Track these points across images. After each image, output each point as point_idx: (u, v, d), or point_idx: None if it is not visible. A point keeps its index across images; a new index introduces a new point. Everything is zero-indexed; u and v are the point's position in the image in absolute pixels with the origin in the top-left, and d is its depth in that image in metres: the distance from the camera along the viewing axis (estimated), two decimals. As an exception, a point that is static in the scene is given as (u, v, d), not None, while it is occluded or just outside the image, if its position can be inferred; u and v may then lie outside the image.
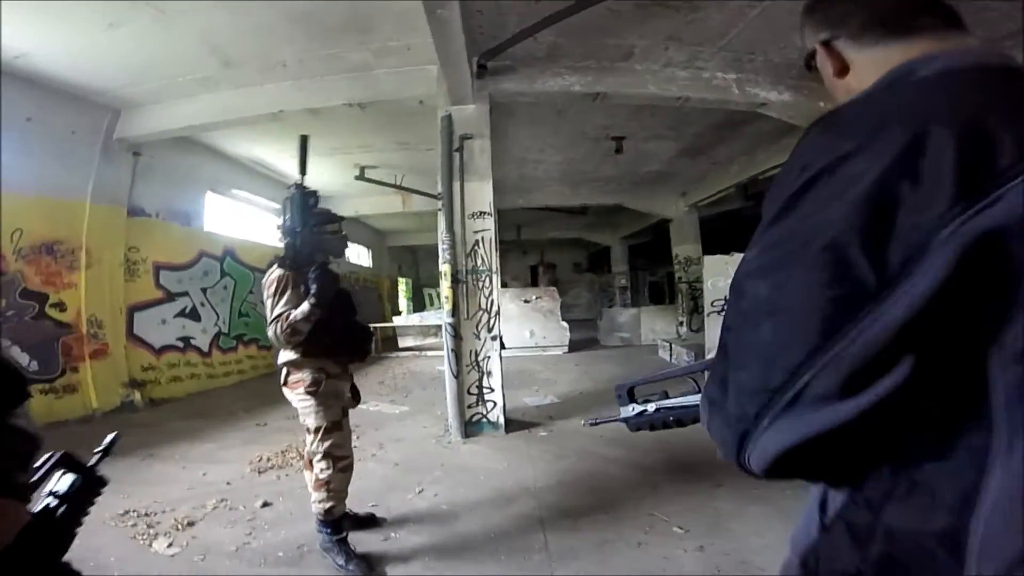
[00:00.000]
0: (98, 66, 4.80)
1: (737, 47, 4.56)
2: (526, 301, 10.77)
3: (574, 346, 10.81)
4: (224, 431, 4.98)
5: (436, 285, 20.69)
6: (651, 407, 0.99)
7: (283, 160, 8.15)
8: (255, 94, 5.35)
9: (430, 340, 13.32)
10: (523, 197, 9.85)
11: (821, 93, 5.49)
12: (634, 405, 1.01)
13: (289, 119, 5.65)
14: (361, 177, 8.43)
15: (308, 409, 2.37)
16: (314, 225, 2.41)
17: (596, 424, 1.12)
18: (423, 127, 6.29)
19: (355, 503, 3.00)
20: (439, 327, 12.90)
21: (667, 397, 1.00)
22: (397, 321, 13.58)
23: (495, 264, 4.82)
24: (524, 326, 10.55)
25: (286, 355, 2.37)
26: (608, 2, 3.45)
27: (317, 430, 2.37)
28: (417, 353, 11.57)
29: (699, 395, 0.91)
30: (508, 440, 4.46)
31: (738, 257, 6.14)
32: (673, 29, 4.23)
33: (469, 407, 4.68)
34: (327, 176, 8.84)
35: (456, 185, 4.71)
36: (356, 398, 2.71)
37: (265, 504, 3.13)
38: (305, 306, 2.22)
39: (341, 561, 2.36)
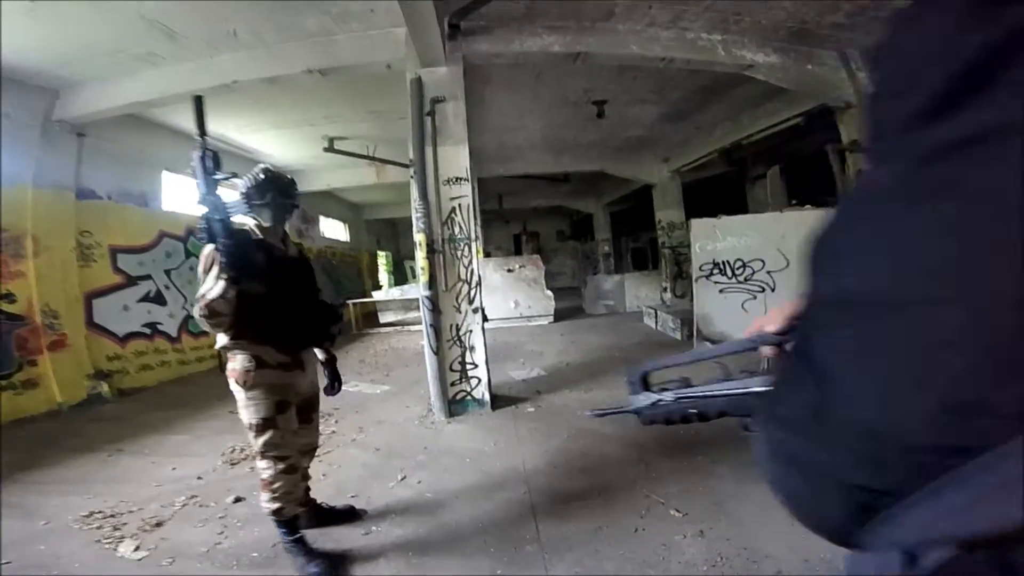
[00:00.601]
0: (27, 47, 4.47)
1: (723, 7, 4.33)
2: (509, 270, 10.55)
3: (559, 315, 10.69)
4: (197, 421, 4.78)
5: (416, 258, 20.61)
6: (668, 396, 0.81)
7: (245, 134, 7.72)
8: (205, 67, 4.98)
9: (412, 314, 13.10)
10: (504, 166, 9.55)
11: (809, 56, 5.27)
12: (648, 394, 0.82)
13: (246, 90, 5.30)
14: (330, 149, 7.99)
15: (240, 402, 2.15)
16: (253, 195, 2.17)
17: (603, 415, 0.93)
18: (393, 95, 5.97)
19: (334, 494, 2.87)
20: (421, 301, 12.82)
21: (688, 385, 0.81)
22: (377, 296, 13.28)
23: (474, 232, 4.61)
24: (508, 296, 10.37)
25: (221, 339, 2.12)
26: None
27: (249, 426, 2.16)
28: (399, 328, 11.40)
29: (728, 383, 0.75)
30: (495, 418, 4.34)
31: (727, 220, 5.92)
32: None
33: (452, 384, 4.52)
34: (293, 149, 8.39)
35: (429, 150, 4.43)
36: (333, 385, 2.53)
37: (238, 500, 2.97)
38: (219, 283, 1.91)
39: (301, 561, 2.22)
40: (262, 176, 2.23)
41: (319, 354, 2.48)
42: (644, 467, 3.07)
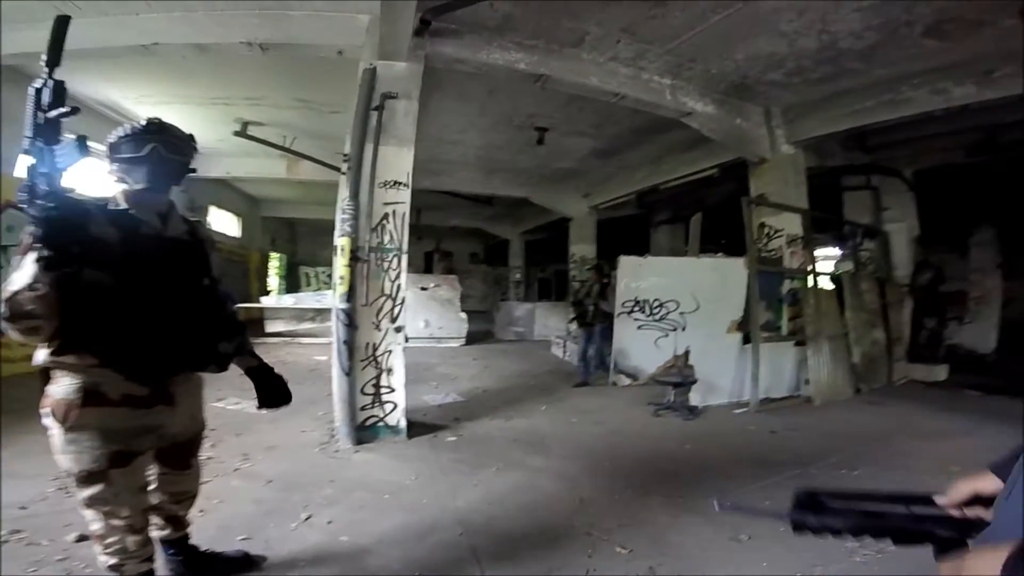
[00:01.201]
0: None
1: (683, 52, 4.61)
2: (423, 288, 10.25)
3: (470, 338, 10.56)
4: (20, 433, 3.68)
5: (315, 264, 19.15)
6: (839, 523, 0.80)
7: (144, 105, 6.67)
8: (126, 23, 4.25)
9: (306, 325, 12.13)
10: (432, 179, 9.25)
11: (740, 109, 5.84)
12: (820, 518, 0.80)
13: (165, 55, 4.61)
14: (242, 133, 7.11)
15: (55, 444, 1.52)
16: (124, 146, 1.58)
17: (746, 515, 0.88)
18: (331, 86, 5.53)
19: (218, 536, 2.32)
20: (318, 311, 11.90)
21: (866, 518, 0.80)
22: (266, 302, 12.02)
23: (406, 243, 4.25)
24: (419, 315, 9.99)
25: (39, 354, 1.50)
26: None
27: (67, 473, 1.57)
28: (289, 340, 10.40)
29: (905, 525, 0.80)
30: (411, 447, 3.95)
31: (652, 260, 6.26)
32: (632, 20, 4.13)
33: (363, 409, 4.04)
34: (197, 127, 7.35)
35: (369, 148, 4.05)
36: (271, 399, 1.96)
37: (81, 538, 2.23)
38: (27, 269, 1.30)
39: None
40: (142, 122, 1.62)
41: (241, 364, 1.94)
42: (580, 501, 2.96)
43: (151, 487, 1.80)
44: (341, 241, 4.01)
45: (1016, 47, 4.07)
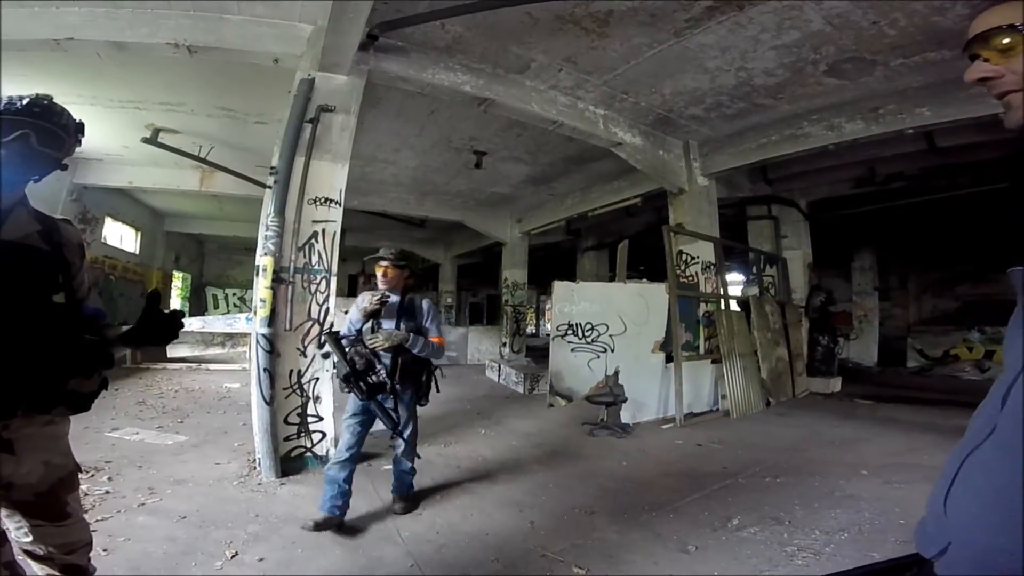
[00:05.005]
0: None
1: (617, 84, 4.88)
2: (347, 312, 9.82)
3: (399, 364, 10.23)
4: None
5: (225, 285, 17.62)
6: None
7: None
8: (39, 15, 3.79)
9: (214, 351, 11.15)
10: (360, 199, 8.95)
11: (663, 142, 6.30)
12: None
13: (77, 52, 4.14)
14: (152, 140, 6.48)
15: None
16: None
17: None
18: (261, 94, 5.22)
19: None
20: (229, 336, 10.91)
21: None
22: (168, 325, 10.86)
23: (335, 264, 4.09)
24: (344, 340, 9.55)
25: None
26: (532, 5, 3.27)
27: None
28: (194, 366, 9.49)
29: None
30: (344, 477, 3.69)
31: (583, 285, 6.43)
32: (575, 51, 4.30)
33: (287, 439, 3.74)
34: (101, 132, 6.74)
35: (299, 161, 3.87)
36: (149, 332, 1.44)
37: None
38: None
39: None
40: (23, 100, 1.32)
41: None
42: (530, 524, 2.92)
43: (27, 539, 1.49)
44: (264, 260, 3.74)
45: (899, 86, 4.71)
